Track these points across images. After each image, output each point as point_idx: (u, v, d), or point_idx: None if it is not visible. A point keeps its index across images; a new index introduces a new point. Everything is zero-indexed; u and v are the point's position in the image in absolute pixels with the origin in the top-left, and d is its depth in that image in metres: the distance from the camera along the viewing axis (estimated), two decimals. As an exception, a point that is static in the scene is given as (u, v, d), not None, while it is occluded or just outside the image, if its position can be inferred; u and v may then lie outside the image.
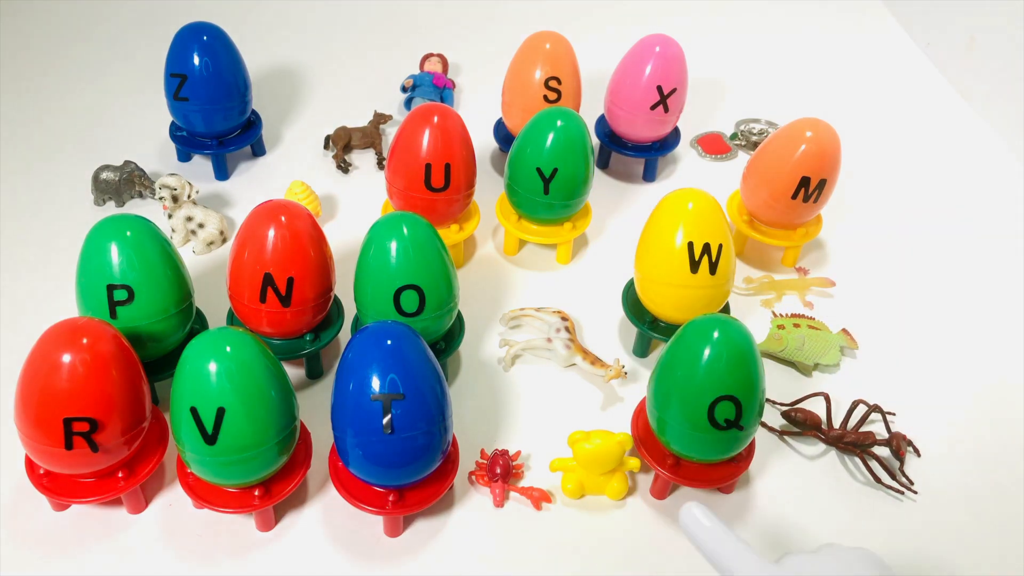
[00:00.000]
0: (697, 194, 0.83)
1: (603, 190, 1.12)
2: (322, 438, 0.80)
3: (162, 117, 1.10)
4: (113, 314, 0.75)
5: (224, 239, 1.02)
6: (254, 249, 0.78)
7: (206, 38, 1.01)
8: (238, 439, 0.67)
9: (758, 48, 1.44)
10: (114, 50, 1.33)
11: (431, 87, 1.22)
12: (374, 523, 0.76)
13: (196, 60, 1.01)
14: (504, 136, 1.15)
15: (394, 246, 0.77)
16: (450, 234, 0.96)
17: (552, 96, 1.04)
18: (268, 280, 0.78)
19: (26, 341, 0.69)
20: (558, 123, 0.92)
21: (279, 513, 0.77)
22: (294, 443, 0.73)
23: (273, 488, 0.73)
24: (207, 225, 1.00)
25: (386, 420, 0.67)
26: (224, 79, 1.03)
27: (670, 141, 1.14)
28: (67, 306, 0.81)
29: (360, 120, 1.19)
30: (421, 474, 0.72)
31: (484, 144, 1.16)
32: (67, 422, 0.67)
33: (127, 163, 1.06)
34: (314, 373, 0.88)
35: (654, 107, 1.06)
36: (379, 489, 0.73)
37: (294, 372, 0.88)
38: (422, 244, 0.78)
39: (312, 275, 0.79)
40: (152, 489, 0.78)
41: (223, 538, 0.75)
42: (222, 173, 1.11)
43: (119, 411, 0.69)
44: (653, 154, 1.13)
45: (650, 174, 1.15)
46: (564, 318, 0.92)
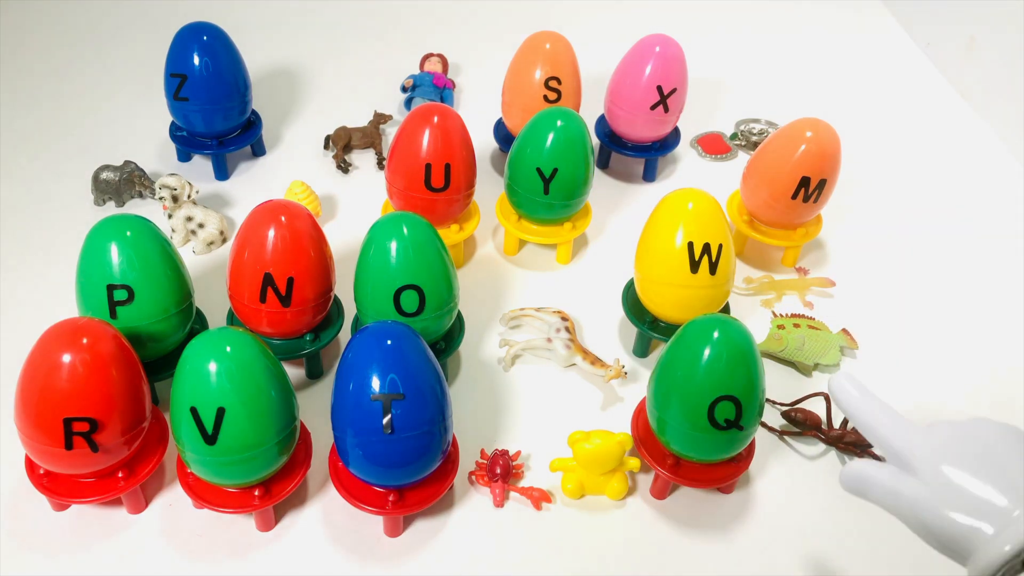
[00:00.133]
0: (697, 194, 0.83)
1: (603, 190, 1.12)
2: (322, 438, 0.80)
3: (162, 117, 1.10)
4: (113, 314, 0.75)
5: (224, 239, 1.02)
6: (254, 249, 0.78)
7: (206, 38, 1.01)
8: (238, 439, 0.67)
9: (758, 48, 1.44)
10: (114, 50, 1.33)
11: (431, 87, 1.22)
12: (374, 523, 0.76)
13: (196, 60, 1.01)
14: (504, 136, 1.15)
15: (394, 246, 0.77)
16: (450, 234, 0.96)
17: (552, 96, 1.04)
18: (268, 280, 0.78)
19: (26, 341, 0.69)
20: (558, 123, 0.92)
21: (279, 513, 0.77)
22: (294, 443, 0.73)
23: (273, 488, 0.73)
24: (207, 225, 1.00)
25: (386, 420, 0.67)
26: (224, 79, 1.03)
27: (670, 141, 1.14)
28: (67, 306, 0.81)
29: (360, 120, 1.19)
30: (421, 474, 0.72)
31: (484, 144, 1.16)
32: (67, 422, 0.67)
33: (127, 163, 1.06)
34: (314, 373, 0.88)
35: (654, 107, 1.06)
36: (379, 489, 0.73)
37: (294, 372, 0.88)
38: (422, 244, 0.78)
39: (312, 275, 0.79)
40: (152, 489, 0.78)
41: (223, 538, 0.75)
42: (222, 173, 1.11)
43: (119, 411, 0.69)
44: (653, 154, 1.13)
45: (650, 174, 1.15)
46: (564, 318, 0.92)
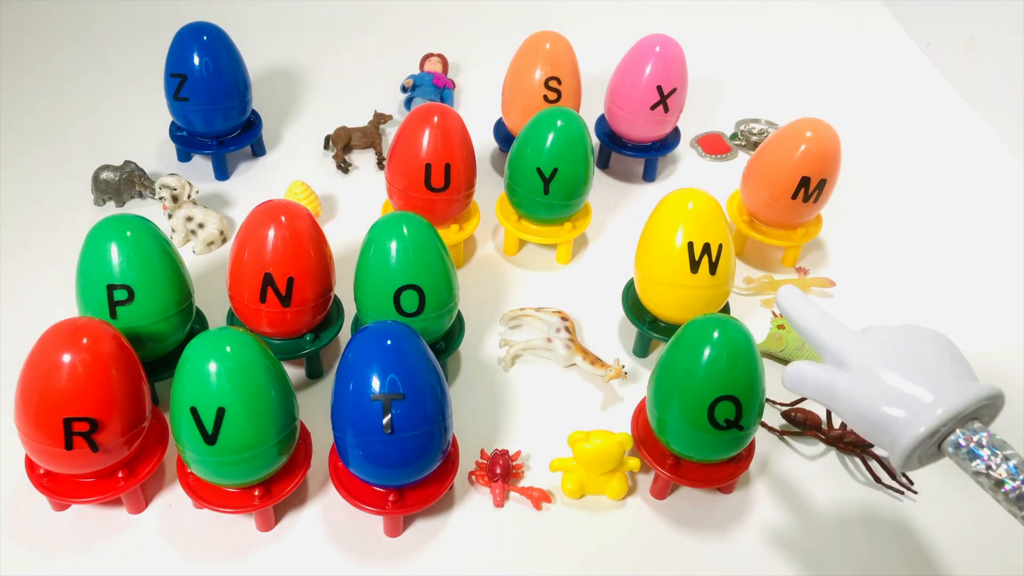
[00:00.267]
0: (697, 194, 0.83)
1: (603, 190, 1.12)
2: (322, 438, 0.80)
3: (162, 117, 1.10)
4: (113, 314, 0.75)
5: (224, 239, 1.02)
6: (254, 249, 0.78)
7: (206, 38, 1.01)
8: (238, 439, 0.67)
9: (758, 48, 1.44)
10: (114, 50, 1.33)
11: (431, 87, 1.22)
12: (374, 523, 0.76)
13: (196, 60, 1.01)
14: (504, 136, 1.15)
15: (394, 246, 0.77)
16: (450, 234, 0.96)
17: (552, 96, 1.04)
18: (268, 280, 0.78)
19: (26, 341, 0.69)
20: (558, 123, 0.92)
21: (279, 513, 0.77)
22: (294, 443, 0.73)
23: (273, 488, 0.73)
24: (207, 225, 1.00)
25: (386, 420, 0.67)
26: (224, 79, 1.03)
27: (670, 141, 1.14)
28: (67, 306, 0.81)
29: (360, 120, 1.19)
30: (421, 474, 0.72)
31: (484, 144, 1.16)
32: (67, 422, 0.67)
33: (127, 163, 1.06)
34: (314, 373, 0.88)
35: (654, 107, 1.06)
36: (379, 489, 0.73)
37: (294, 372, 0.88)
38: (422, 244, 0.78)
39: (312, 275, 0.79)
40: (152, 489, 0.78)
41: (223, 538, 0.75)
42: (222, 173, 1.11)
43: (119, 411, 0.69)
44: (653, 154, 1.13)
45: (650, 174, 1.15)
46: (564, 318, 0.92)
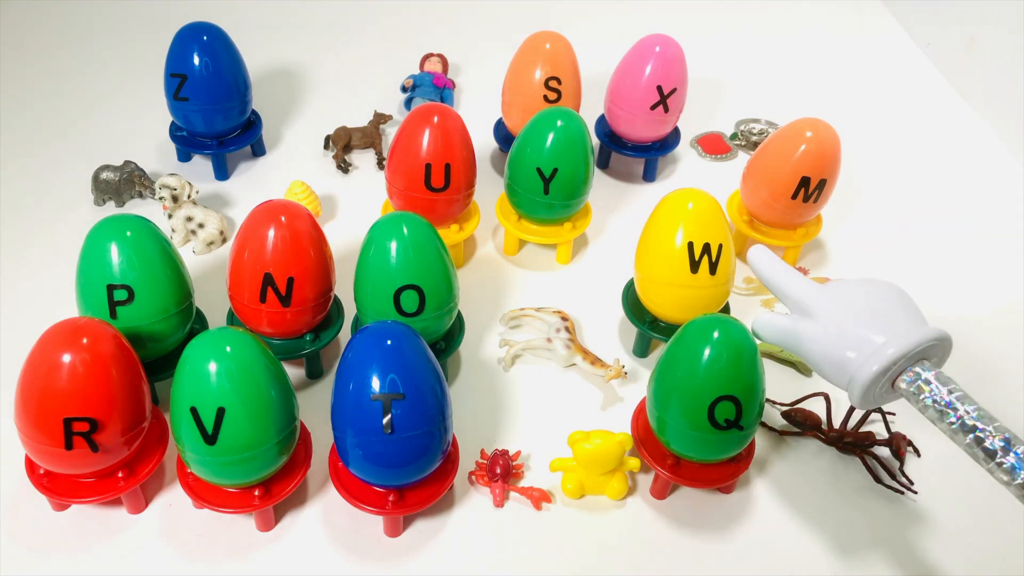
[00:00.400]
0: (697, 194, 0.83)
1: (603, 190, 1.12)
2: (322, 438, 0.80)
3: (162, 117, 1.10)
4: (113, 314, 0.75)
5: (224, 239, 1.02)
6: (254, 249, 0.78)
7: (206, 38, 1.01)
8: (238, 439, 0.67)
9: (758, 48, 1.44)
10: (114, 50, 1.33)
11: (431, 87, 1.22)
12: (374, 523, 0.76)
13: (196, 60, 1.01)
14: (504, 136, 1.15)
15: (394, 246, 0.77)
16: (450, 234, 0.96)
17: (552, 96, 1.04)
18: (268, 280, 0.78)
19: (26, 341, 0.69)
20: (558, 123, 0.92)
21: (279, 513, 0.77)
22: (294, 443, 0.73)
23: (273, 488, 0.73)
24: (207, 225, 1.00)
25: (386, 420, 0.67)
26: (224, 79, 1.03)
27: (670, 141, 1.14)
28: (67, 306, 0.81)
29: (360, 120, 1.19)
30: (421, 474, 0.72)
31: (484, 144, 1.16)
32: (67, 422, 0.67)
33: (127, 163, 1.06)
34: (314, 373, 0.88)
35: (654, 107, 1.06)
36: (379, 489, 0.73)
37: (294, 372, 0.88)
38: (422, 244, 0.78)
39: (312, 275, 0.79)
40: (152, 489, 0.78)
41: (223, 538, 0.75)
42: (222, 173, 1.11)
43: (119, 411, 0.69)
44: (653, 154, 1.13)
45: (650, 174, 1.15)
46: (564, 318, 0.92)
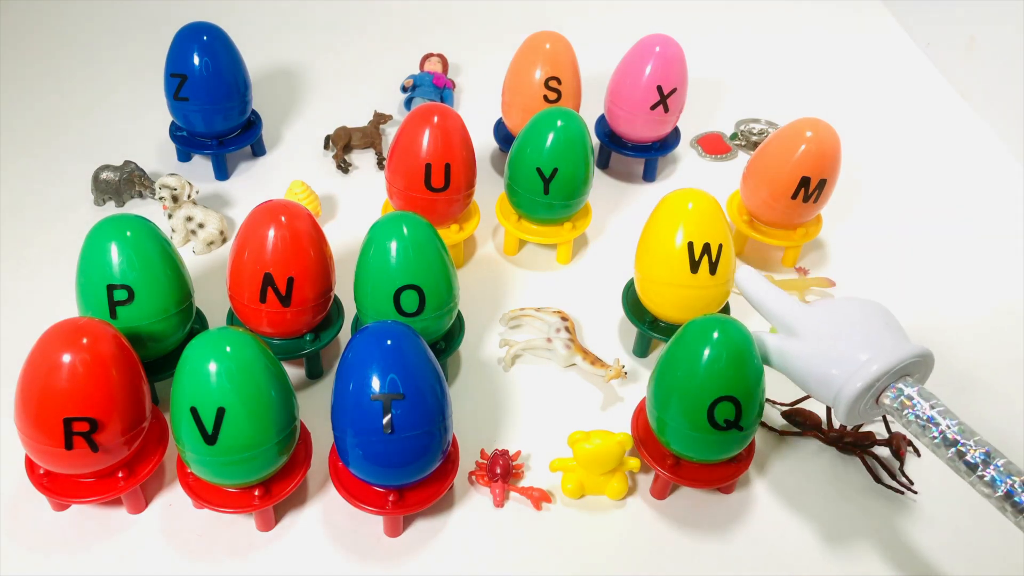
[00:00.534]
0: (697, 194, 0.83)
1: (603, 190, 1.12)
2: (322, 438, 0.80)
3: (162, 117, 1.10)
4: (113, 314, 0.75)
5: (224, 239, 1.02)
6: (254, 249, 0.78)
7: (206, 38, 1.01)
8: (238, 439, 0.67)
9: (758, 48, 1.44)
10: (114, 50, 1.33)
11: (431, 87, 1.22)
12: (374, 523, 0.76)
13: (196, 60, 1.01)
14: (504, 136, 1.15)
15: (394, 246, 0.77)
16: (450, 234, 0.96)
17: (552, 96, 1.04)
18: (268, 280, 0.78)
19: (26, 341, 0.69)
20: (558, 123, 0.92)
21: (279, 513, 0.77)
22: (294, 443, 0.73)
23: (273, 488, 0.73)
24: (207, 225, 1.00)
25: (386, 420, 0.67)
26: (224, 79, 1.03)
27: (670, 141, 1.14)
28: (67, 306, 0.81)
29: (360, 120, 1.19)
30: (421, 474, 0.72)
31: (484, 144, 1.16)
32: (67, 422, 0.67)
33: (127, 163, 1.06)
34: (314, 373, 0.88)
35: (654, 107, 1.06)
36: (379, 489, 0.73)
37: (294, 372, 0.88)
38: (422, 244, 0.78)
39: (312, 275, 0.79)
40: (152, 489, 0.78)
41: (223, 538, 0.75)
42: (222, 173, 1.11)
43: (119, 411, 0.69)
44: (653, 154, 1.13)
45: (650, 174, 1.15)
46: (564, 318, 0.92)
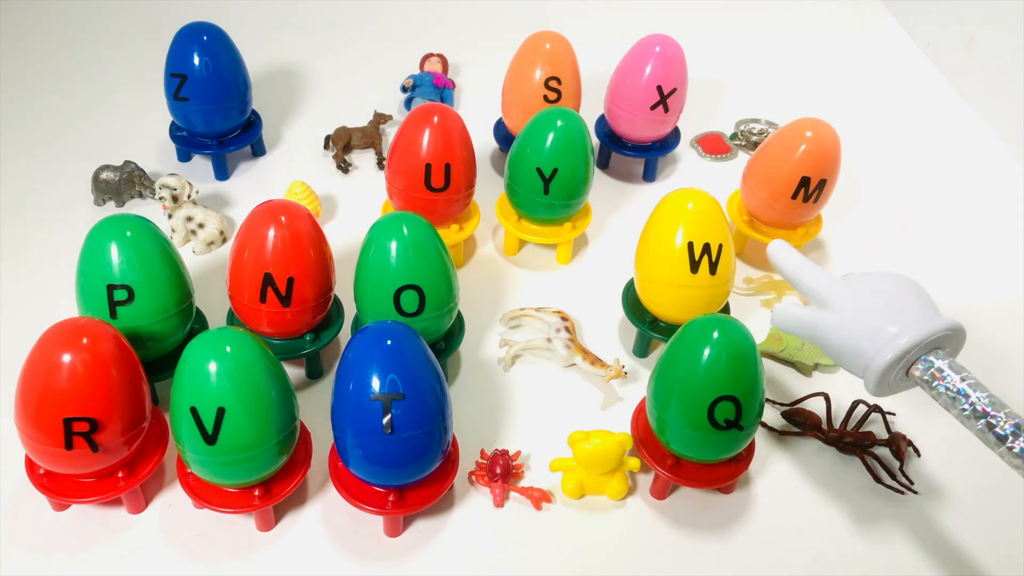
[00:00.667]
0: (697, 194, 0.83)
1: (603, 190, 1.12)
2: (322, 438, 0.80)
3: (162, 117, 1.10)
4: (113, 314, 0.75)
5: (224, 239, 1.02)
6: (254, 249, 0.78)
7: (206, 38, 1.01)
8: (238, 439, 0.67)
9: (758, 48, 1.44)
10: (114, 50, 1.33)
11: (431, 87, 1.22)
12: (374, 523, 0.76)
13: (196, 60, 1.01)
14: (504, 136, 1.15)
15: (394, 246, 0.77)
16: (450, 234, 0.96)
17: (552, 96, 1.04)
18: (268, 280, 0.78)
19: (26, 341, 0.69)
20: (558, 123, 0.92)
21: (279, 513, 0.77)
22: (294, 443, 0.73)
23: (273, 488, 0.73)
24: (207, 225, 1.00)
25: (386, 420, 0.67)
26: (224, 79, 1.03)
27: (670, 141, 1.14)
28: (67, 306, 0.81)
29: (360, 120, 1.19)
30: (421, 474, 0.72)
31: (484, 144, 1.16)
32: (67, 422, 0.67)
33: (127, 163, 1.06)
34: (314, 373, 0.88)
35: (654, 107, 1.05)
36: (379, 489, 0.73)
37: (294, 372, 0.88)
38: (422, 244, 0.78)
39: (312, 275, 0.79)
40: (152, 489, 0.78)
41: (223, 538, 0.75)
42: (222, 173, 1.11)
43: (119, 411, 0.69)
44: (653, 154, 1.13)
45: (650, 174, 1.15)
46: (564, 318, 0.92)
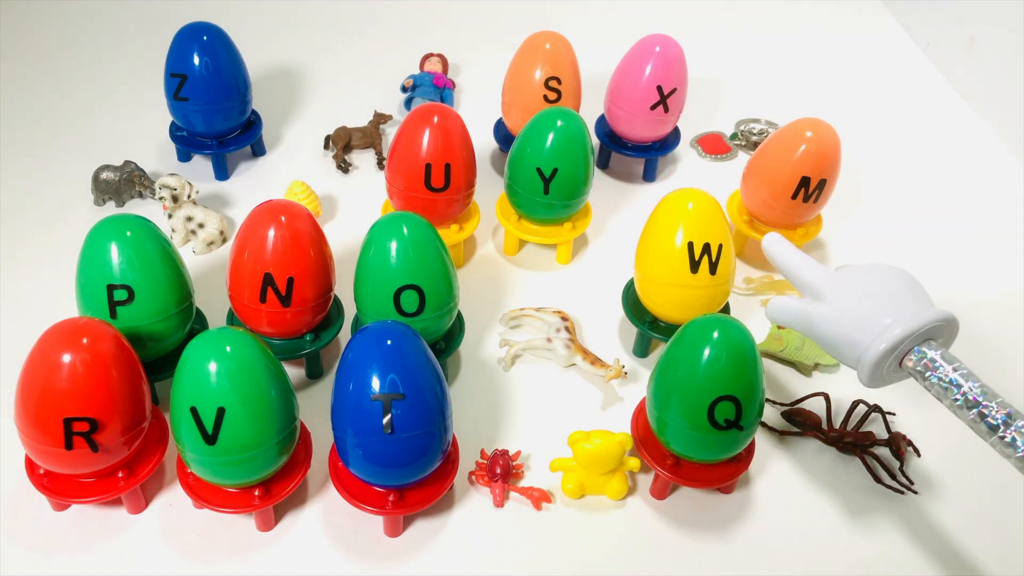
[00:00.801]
0: (697, 194, 0.83)
1: (603, 190, 1.12)
2: (322, 438, 0.80)
3: (162, 117, 1.10)
4: (113, 314, 0.75)
5: (224, 239, 1.02)
6: (254, 249, 0.78)
7: (206, 38, 1.01)
8: (238, 439, 0.67)
9: (758, 48, 1.44)
10: (114, 50, 1.33)
11: (431, 87, 1.22)
12: (374, 523, 0.76)
13: (196, 60, 1.01)
14: (504, 136, 1.15)
15: (394, 246, 0.77)
16: (450, 234, 0.96)
17: (552, 96, 1.04)
18: (268, 280, 0.78)
19: (26, 341, 0.69)
20: (558, 123, 0.92)
21: (279, 513, 0.77)
22: (294, 443, 0.73)
23: (273, 488, 0.73)
24: (207, 225, 1.00)
25: (386, 420, 0.67)
26: (224, 79, 1.03)
27: (670, 141, 1.14)
28: (67, 306, 0.81)
29: (360, 120, 1.19)
30: (421, 474, 0.72)
31: (484, 144, 1.16)
32: (67, 422, 0.67)
33: (127, 163, 1.06)
34: (314, 373, 0.88)
35: (654, 107, 1.05)
36: (379, 489, 0.73)
37: (294, 372, 0.88)
38: (422, 244, 0.78)
39: (312, 275, 0.79)
40: (152, 489, 0.78)
41: (223, 538, 0.75)
42: (222, 173, 1.11)
43: (119, 411, 0.69)
44: (653, 154, 1.13)
45: (650, 174, 1.15)
46: (564, 318, 0.92)
